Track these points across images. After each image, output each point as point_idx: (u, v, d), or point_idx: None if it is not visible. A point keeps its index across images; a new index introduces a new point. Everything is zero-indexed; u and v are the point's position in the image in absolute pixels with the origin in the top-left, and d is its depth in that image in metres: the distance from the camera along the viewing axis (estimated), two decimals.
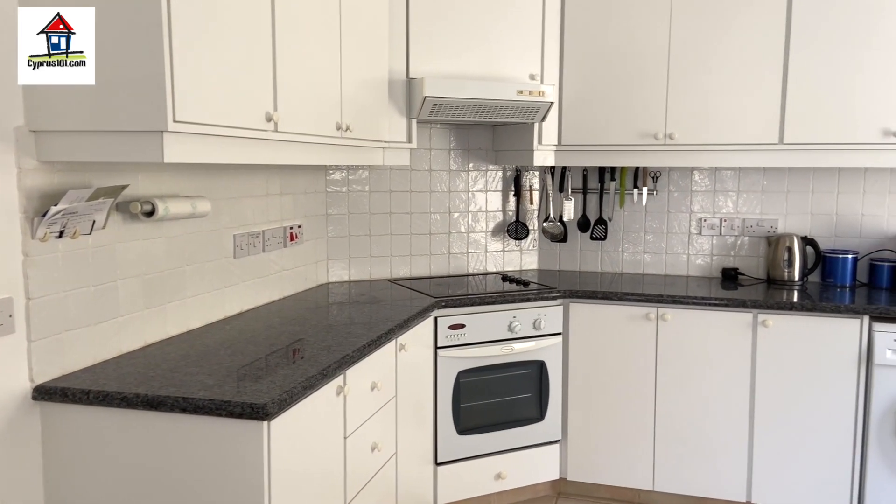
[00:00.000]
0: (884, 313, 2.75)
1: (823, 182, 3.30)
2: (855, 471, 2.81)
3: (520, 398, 3.05)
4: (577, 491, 3.18)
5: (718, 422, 2.95)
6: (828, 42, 2.91)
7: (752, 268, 3.41)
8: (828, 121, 2.94)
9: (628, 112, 3.15)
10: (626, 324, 3.02)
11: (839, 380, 2.79)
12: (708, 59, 3.05)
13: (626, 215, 3.56)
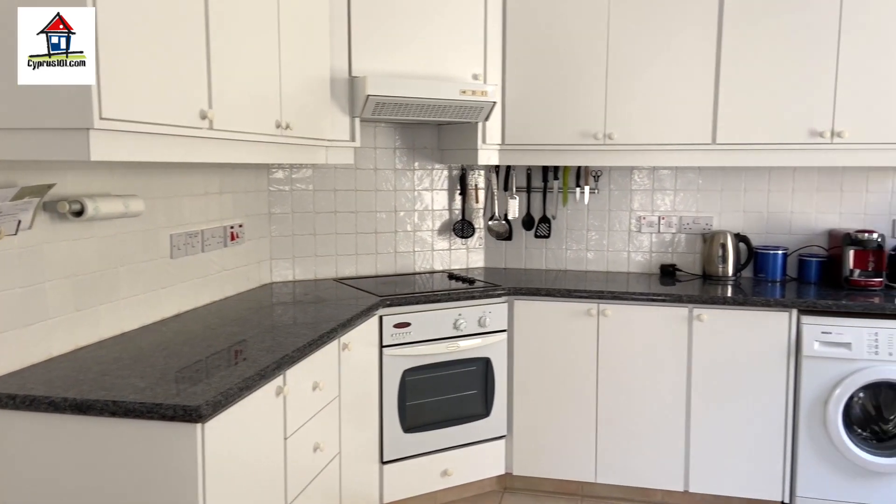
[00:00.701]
0: (811, 306, 2.87)
1: (755, 181, 3.42)
2: (787, 458, 2.92)
3: (466, 395, 3.07)
4: (522, 485, 3.22)
5: (657, 414, 3.03)
6: (756, 46, 3.02)
7: (689, 264, 3.52)
8: (757, 122, 3.05)
9: (569, 112, 3.21)
10: (569, 320, 3.08)
11: (770, 371, 2.90)
12: (644, 62, 3.13)
13: (570, 214, 3.62)
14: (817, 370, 2.84)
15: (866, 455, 2.81)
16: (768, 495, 2.95)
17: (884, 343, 2.77)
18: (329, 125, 2.81)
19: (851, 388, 2.80)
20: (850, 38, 2.93)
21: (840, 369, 2.81)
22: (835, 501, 2.87)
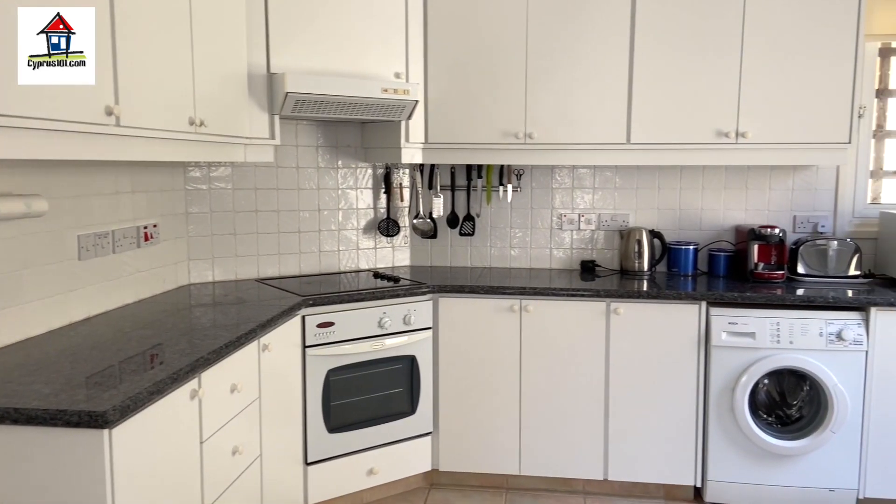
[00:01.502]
0: (719, 298, 3.02)
1: (668, 179, 3.56)
2: (698, 444, 3.06)
3: (391, 393, 3.08)
4: (449, 481, 3.26)
5: (577, 406, 3.12)
6: (666, 51, 3.14)
7: (607, 260, 3.63)
8: (668, 123, 3.17)
9: (491, 111, 3.26)
10: (493, 316, 3.13)
11: (682, 361, 3.03)
12: (562, 63, 3.21)
13: (493, 212, 3.68)
14: (725, 359, 2.99)
15: (771, 439, 2.97)
16: (681, 480, 3.09)
17: (785, 332, 2.93)
18: (247, 123, 2.76)
19: (756, 376, 2.96)
20: (752, 45, 3.09)
21: (746, 358, 2.96)
22: (743, 483, 3.03)
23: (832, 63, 3.06)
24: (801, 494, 2.99)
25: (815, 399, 2.99)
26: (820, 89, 3.08)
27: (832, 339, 2.90)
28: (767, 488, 3.01)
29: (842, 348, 2.89)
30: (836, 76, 3.06)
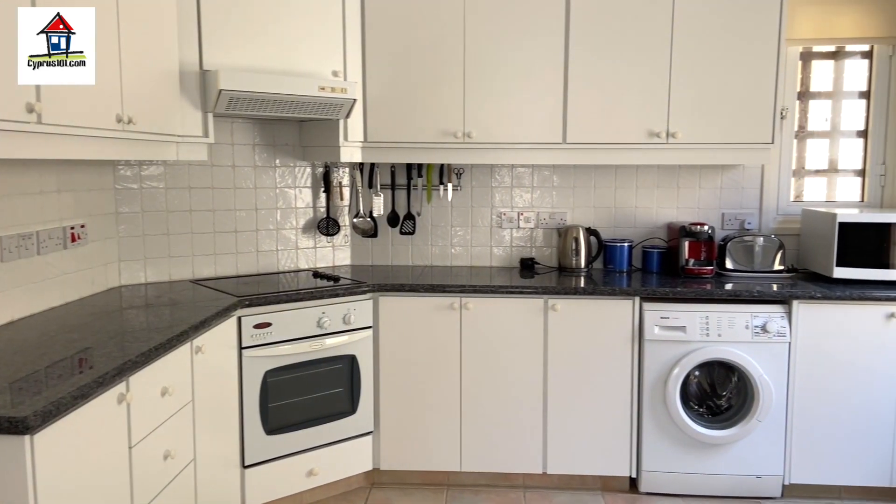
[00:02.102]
0: (651, 294, 3.11)
1: (603, 178, 3.65)
2: (633, 435, 3.15)
3: (331, 393, 3.06)
4: (390, 480, 3.26)
5: (517, 401, 3.16)
6: (600, 53, 3.22)
7: (546, 257, 3.70)
8: (602, 123, 3.25)
9: (430, 110, 3.28)
10: (433, 314, 3.15)
11: (617, 355, 3.11)
12: (500, 63, 3.25)
13: (434, 210, 3.70)
14: (657, 352, 3.08)
15: (701, 428, 3.08)
16: (618, 471, 3.17)
17: (713, 325, 3.05)
18: (179, 120, 2.69)
19: (688, 368, 3.06)
20: (681, 49, 3.19)
21: (677, 351, 3.06)
22: (675, 473, 3.13)
23: (756, 66, 3.19)
24: (730, 482, 3.11)
25: (743, 389, 3.11)
26: (745, 92, 3.20)
27: (757, 331, 3.02)
28: (699, 476, 3.12)
29: (766, 340, 3.02)
30: (759, 79, 3.19)
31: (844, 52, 3.59)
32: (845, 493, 3.11)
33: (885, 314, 2.97)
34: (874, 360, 2.99)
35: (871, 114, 3.55)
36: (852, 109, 3.60)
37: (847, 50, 3.57)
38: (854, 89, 3.59)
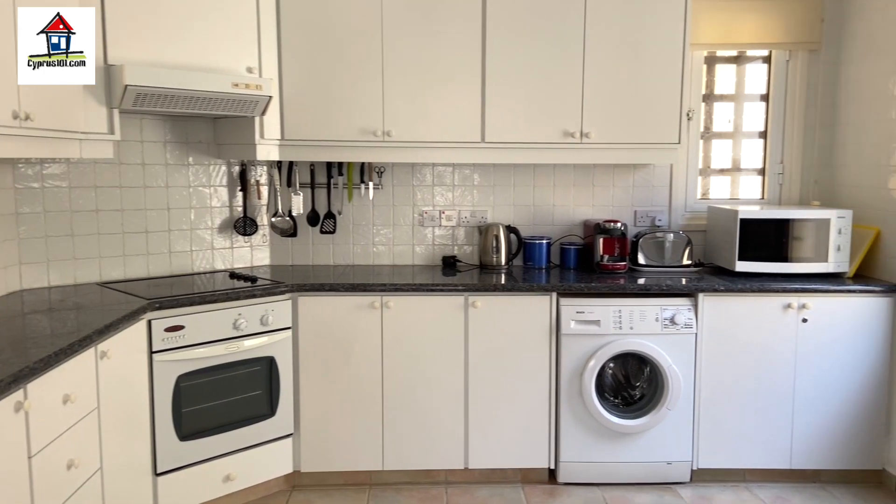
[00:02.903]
0: (567, 289, 3.19)
1: (522, 177, 3.72)
2: (551, 427, 3.22)
3: (249, 396, 3.00)
4: (311, 482, 3.22)
5: (438, 398, 3.19)
6: (516, 55, 3.28)
7: (468, 255, 3.74)
8: (519, 123, 3.32)
9: (349, 108, 3.26)
10: (353, 313, 3.13)
11: (535, 349, 3.18)
12: (418, 63, 3.26)
13: (355, 209, 3.68)
14: (574, 346, 3.17)
15: (615, 418, 3.19)
16: (536, 463, 3.24)
17: (626, 318, 3.16)
18: (82, 117, 2.57)
19: (602, 360, 3.16)
20: (593, 51, 3.29)
21: (592, 344, 3.15)
22: (592, 462, 3.22)
23: (663, 70, 3.32)
24: (642, 469, 3.23)
25: (655, 380, 3.24)
26: (653, 94, 3.33)
27: (667, 323, 3.15)
28: (614, 465, 3.23)
29: (675, 332, 3.15)
30: (666, 82, 3.32)
31: (746, 56, 3.78)
32: (749, 476, 3.29)
33: (783, 305, 3.15)
34: (773, 348, 3.17)
35: (770, 116, 3.76)
36: (753, 111, 3.80)
37: (748, 55, 3.77)
38: (755, 92, 3.79)
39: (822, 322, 3.15)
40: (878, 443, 3.22)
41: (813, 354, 3.17)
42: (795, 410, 3.19)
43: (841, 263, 3.28)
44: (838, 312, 3.15)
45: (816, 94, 3.66)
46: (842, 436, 3.21)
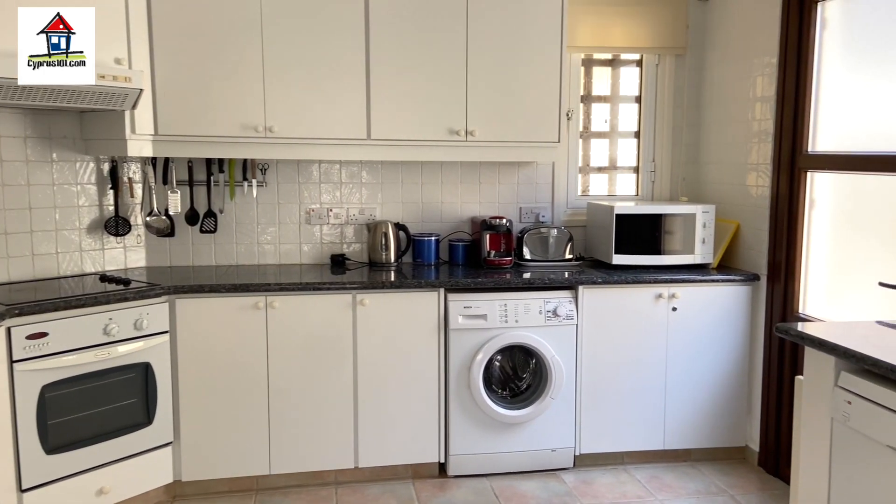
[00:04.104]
0: (455, 285, 3.24)
1: (410, 174, 3.74)
2: (441, 422, 3.26)
3: (124, 404, 2.85)
4: (194, 490, 3.10)
5: (327, 397, 3.15)
6: (401, 54, 3.29)
7: (357, 253, 3.72)
8: (405, 120, 3.33)
9: (228, 103, 3.16)
10: (236, 315, 3.04)
11: (425, 345, 3.21)
12: (301, 57, 3.21)
13: (238, 207, 3.57)
14: (462, 340, 3.22)
15: (502, 410, 3.27)
16: (427, 458, 3.27)
17: (511, 312, 3.24)
18: None
19: (489, 353, 3.23)
20: (475, 51, 3.35)
21: (479, 338, 3.22)
22: (481, 454, 3.29)
23: (543, 71, 3.43)
24: (528, 457, 3.33)
25: (540, 370, 3.35)
26: (533, 94, 3.43)
27: (549, 315, 3.26)
28: (501, 455, 3.31)
29: (557, 323, 3.27)
30: (546, 83, 3.44)
31: (620, 60, 3.97)
32: (627, 458, 3.46)
33: (655, 295, 3.34)
34: (647, 336, 3.36)
35: (643, 116, 3.97)
36: (628, 112, 4.00)
37: (622, 58, 3.96)
38: (629, 94, 3.99)
39: (690, 310, 3.36)
40: (741, 421, 3.48)
41: (682, 341, 3.38)
42: (668, 394, 3.40)
43: (706, 255, 3.51)
44: (704, 301, 3.38)
45: (683, 96, 3.91)
46: (709, 416, 3.45)
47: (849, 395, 1.98)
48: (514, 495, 3.13)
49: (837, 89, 3.04)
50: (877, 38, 2.83)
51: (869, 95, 2.87)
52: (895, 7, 2.72)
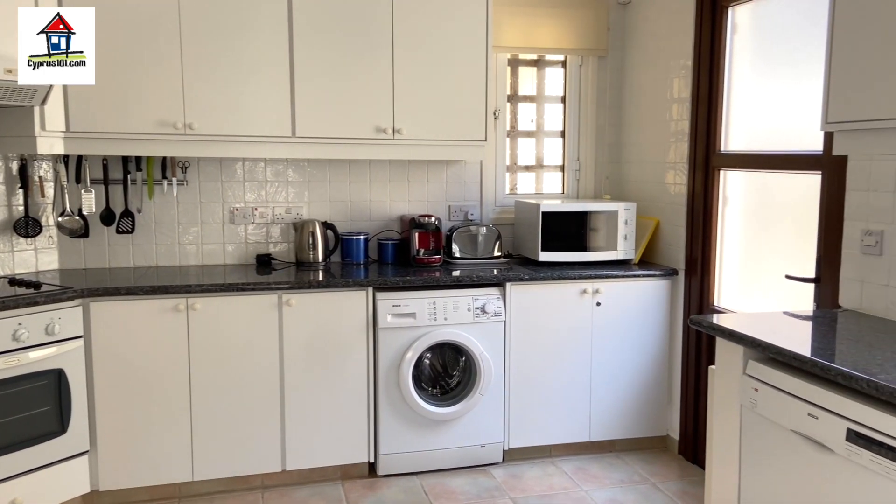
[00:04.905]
0: (383, 284, 3.23)
1: (338, 173, 3.70)
2: (370, 421, 3.24)
3: (36, 413, 2.72)
4: (112, 500, 2.99)
5: (253, 400, 3.09)
6: (325, 53, 3.25)
7: (283, 253, 3.66)
8: (331, 118, 3.29)
9: (145, 99, 3.05)
10: (155, 318, 2.94)
11: (353, 345, 3.18)
12: (222, 52, 3.13)
13: (158, 207, 3.46)
14: (391, 339, 3.21)
15: (431, 407, 3.28)
16: (356, 458, 3.25)
17: (440, 310, 3.25)
18: None
19: (419, 351, 3.23)
20: (402, 50, 3.35)
21: (408, 336, 3.22)
22: (411, 452, 3.29)
23: (469, 70, 3.45)
24: (458, 453, 3.36)
25: (469, 367, 3.37)
26: (460, 93, 3.45)
27: (478, 312, 3.29)
28: (431, 453, 3.32)
29: (485, 320, 3.30)
30: (472, 82, 3.46)
31: (545, 60, 4.05)
32: (554, 451, 3.53)
33: (579, 290, 3.41)
34: (572, 331, 3.43)
35: (567, 116, 4.05)
36: (553, 112, 4.08)
37: (547, 59, 4.04)
38: (554, 94, 4.07)
39: (613, 305, 3.46)
40: (662, 412, 3.60)
41: (606, 335, 3.47)
42: (593, 387, 3.48)
43: (628, 251, 3.62)
44: (626, 295, 3.48)
45: (606, 97, 4.01)
46: (632, 407, 3.55)
47: (756, 382, 2.07)
48: (444, 492, 3.14)
49: (747, 91, 3.18)
50: (782, 43, 2.97)
51: (774, 97, 3.02)
52: (798, 13, 2.86)
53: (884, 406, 1.68)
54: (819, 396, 1.84)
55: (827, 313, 2.48)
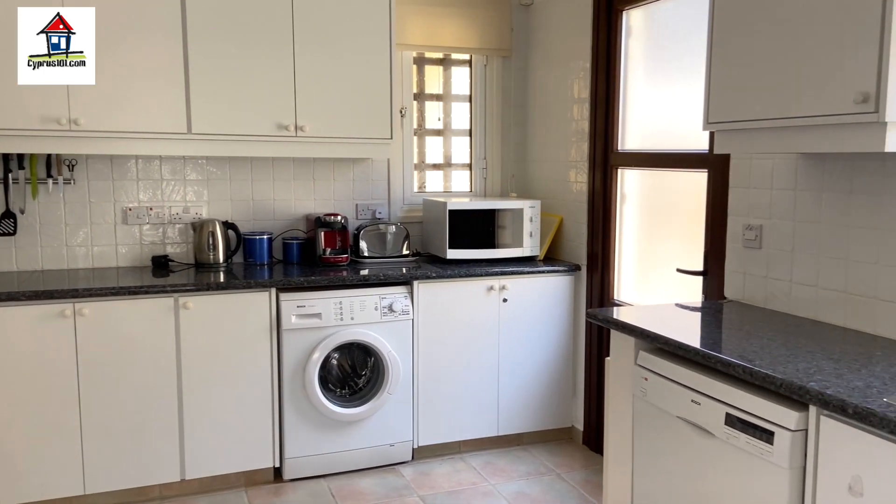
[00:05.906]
0: (287, 284, 3.16)
1: (239, 171, 3.59)
2: (275, 423, 3.17)
3: None
4: None
5: (148, 408, 2.95)
6: (222, 50, 3.14)
7: (182, 254, 3.52)
8: (230, 115, 3.19)
9: (26, 93, 2.79)
10: (38, 325, 2.77)
11: (256, 348, 3.10)
12: (109, 45, 2.93)
13: (42, 207, 3.25)
14: (296, 341, 3.15)
15: (338, 408, 3.23)
16: (261, 464, 3.17)
17: (347, 310, 3.21)
18: None
19: (325, 352, 3.18)
20: (303, 46, 3.28)
21: (314, 337, 3.16)
22: (318, 455, 3.24)
23: (373, 68, 3.43)
24: (368, 454, 3.33)
25: (377, 367, 3.35)
26: (365, 91, 3.42)
27: (385, 311, 3.27)
28: (340, 454, 3.28)
29: (393, 319, 3.29)
30: (377, 79, 3.44)
31: (451, 59, 4.07)
32: (464, 447, 3.56)
33: (486, 287, 3.45)
34: (479, 328, 3.47)
35: (474, 115, 4.09)
36: (460, 111, 4.10)
37: (453, 58, 4.06)
38: (461, 93, 4.10)
39: (519, 301, 3.52)
40: (567, 403, 3.69)
41: (512, 330, 3.53)
42: (500, 382, 3.53)
43: (534, 248, 3.69)
44: (531, 291, 3.54)
45: (510, 97, 4.07)
46: (539, 400, 3.63)
47: (646, 372, 2.16)
48: (352, 493, 3.11)
49: (641, 92, 3.31)
50: (672, 46, 3.10)
51: (666, 98, 3.15)
52: (686, 17, 3.00)
53: (758, 391, 1.78)
54: (701, 383, 1.93)
55: (713, 304, 2.60)
